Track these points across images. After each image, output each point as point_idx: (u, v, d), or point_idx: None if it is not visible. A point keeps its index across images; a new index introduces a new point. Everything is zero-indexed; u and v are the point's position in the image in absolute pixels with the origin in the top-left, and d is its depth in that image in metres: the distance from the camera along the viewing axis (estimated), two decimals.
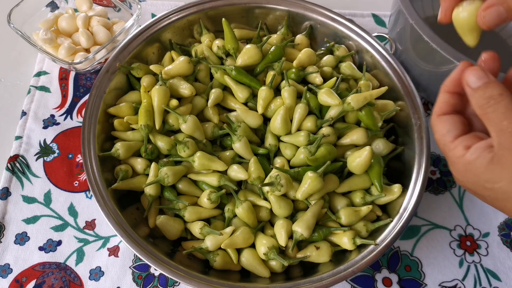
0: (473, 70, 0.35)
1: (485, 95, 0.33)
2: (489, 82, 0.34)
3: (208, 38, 0.66)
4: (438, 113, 0.37)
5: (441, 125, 0.37)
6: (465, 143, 0.35)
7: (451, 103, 0.37)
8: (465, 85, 0.35)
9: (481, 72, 0.34)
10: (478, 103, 0.34)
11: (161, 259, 0.49)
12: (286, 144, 0.58)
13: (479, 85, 0.34)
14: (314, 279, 0.49)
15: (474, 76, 0.34)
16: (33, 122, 0.67)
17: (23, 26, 0.69)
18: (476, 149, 0.34)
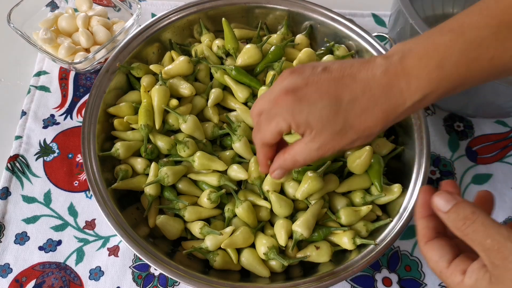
0: (440, 195, 0.35)
1: (459, 217, 0.33)
2: (459, 203, 0.34)
3: (208, 38, 0.66)
4: (424, 240, 0.37)
5: (431, 252, 0.37)
6: (460, 268, 0.35)
7: (431, 227, 0.37)
8: (437, 210, 0.35)
9: (447, 196, 0.35)
10: (455, 226, 0.34)
11: (161, 259, 0.49)
12: None
13: (449, 207, 0.34)
14: (314, 279, 0.49)
15: (442, 200, 0.35)
16: (33, 122, 0.67)
17: (23, 25, 0.69)
18: (473, 273, 0.34)
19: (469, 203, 0.34)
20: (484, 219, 0.33)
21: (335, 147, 0.42)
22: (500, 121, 0.72)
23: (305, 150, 0.42)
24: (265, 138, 0.44)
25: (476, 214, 0.33)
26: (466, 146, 0.70)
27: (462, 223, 0.33)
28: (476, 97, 0.62)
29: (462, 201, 0.34)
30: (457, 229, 0.34)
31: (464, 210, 0.34)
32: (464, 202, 0.34)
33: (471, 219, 0.33)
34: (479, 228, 0.33)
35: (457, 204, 0.34)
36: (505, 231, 0.32)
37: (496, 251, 0.32)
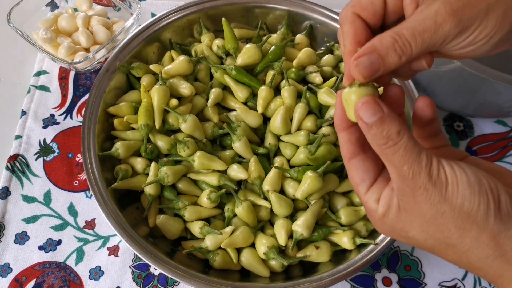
0: (367, 103, 0.30)
1: (382, 134, 0.30)
2: (385, 117, 0.30)
3: (208, 37, 0.66)
4: (348, 156, 0.34)
5: (353, 172, 0.34)
6: (375, 196, 0.33)
7: (354, 140, 0.34)
8: (358, 118, 0.31)
9: (375, 105, 0.30)
10: (375, 142, 0.31)
11: (161, 258, 0.49)
12: (286, 144, 0.58)
13: (374, 120, 0.30)
14: (314, 279, 0.49)
15: (368, 109, 0.30)
16: (33, 122, 0.67)
17: (23, 25, 0.68)
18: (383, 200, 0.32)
19: (396, 119, 0.30)
20: (408, 141, 0.30)
21: None
22: (500, 120, 0.72)
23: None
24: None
25: (401, 135, 0.30)
26: (466, 146, 0.70)
27: (384, 141, 0.30)
28: (476, 97, 0.62)
29: (389, 115, 0.30)
30: (377, 146, 0.31)
31: (389, 128, 0.30)
32: (390, 117, 0.30)
33: (394, 139, 0.30)
34: (400, 151, 0.30)
35: (383, 118, 0.30)
36: (424, 160, 0.30)
37: (410, 180, 0.30)
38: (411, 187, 0.30)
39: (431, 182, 0.29)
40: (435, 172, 0.29)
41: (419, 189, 0.30)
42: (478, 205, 0.29)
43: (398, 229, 0.33)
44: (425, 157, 0.30)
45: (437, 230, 0.30)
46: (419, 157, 0.30)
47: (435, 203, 0.30)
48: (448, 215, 0.30)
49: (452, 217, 0.30)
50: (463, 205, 0.29)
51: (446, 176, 0.29)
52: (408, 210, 0.31)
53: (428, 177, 0.29)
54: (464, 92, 0.62)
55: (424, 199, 0.30)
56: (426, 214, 0.30)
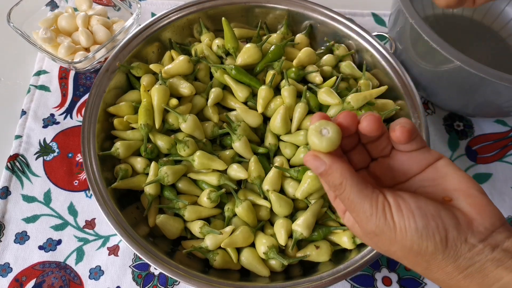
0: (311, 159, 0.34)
1: (329, 184, 0.34)
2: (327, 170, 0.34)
3: (208, 37, 0.66)
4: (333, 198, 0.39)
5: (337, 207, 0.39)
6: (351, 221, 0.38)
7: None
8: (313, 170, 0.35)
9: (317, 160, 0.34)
10: (328, 188, 0.36)
11: (161, 258, 0.49)
12: (286, 144, 0.58)
13: (319, 173, 0.34)
14: (314, 278, 0.49)
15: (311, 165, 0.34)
16: (32, 121, 0.67)
17: (23, 25, 0.68)
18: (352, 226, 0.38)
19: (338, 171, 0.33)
20: (350, 192, 0.33)
21: None
22: (500, 120, 0.72)
23: None
24: None
25: (343, 186, 0.33)
26: (466, 145, 0.70)
27: (333, 190, 0.34)
28: (476, 96, 0.62)
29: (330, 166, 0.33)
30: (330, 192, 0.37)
31: (333, 180, 0.34)
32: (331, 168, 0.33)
33: (339, 190, 0.34)
34: (345, 200, 0.34)
35: (326, 171, 0.34)
36: (368, 209, 0.33)
37: (363, 226, 0.34)
38: (366, 232, 0.34)
39: (379, 229, 0.33)
40: (381, 219, 0.33)
41: (371, 233, 0.34)
42: (426, 247, 0.32)
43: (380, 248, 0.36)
44: (368, 206, 0.33)
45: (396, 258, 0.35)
46: (363, 206, 0.33)
47: (387, 244, 0.33)
48: (399, 253, 0.34)
49: (403, 255, 0.34)
50: (412, 248, 0.32)
51: (394, 222, 0.32)
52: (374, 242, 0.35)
53: (375, 225, 0.33)
54: (464, 91, 0.62)
55: (378, 240, 0.34)
56: (382, 249, 0.35)
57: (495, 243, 0.32)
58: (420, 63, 0.64)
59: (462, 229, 0.32)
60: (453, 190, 0.34)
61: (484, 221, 0.32)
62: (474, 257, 0.32)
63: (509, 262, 0.31)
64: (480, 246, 0.32)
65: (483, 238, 0.32)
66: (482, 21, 0.78)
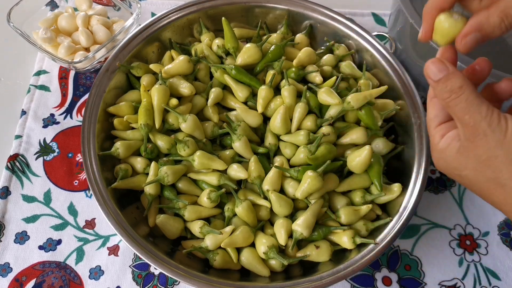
0: (434, 62, 0.36)
1: (446, 89, 0.35)
2: (449, 74, 0.35)
3: (208, 37, 0.66)
4: (432, 95, 0.40)
5: (431, 108, 0.39)
6: (442, 132, 0.37)
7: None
8: (427, 77, 0.36)
9: (441, 64, 0.36)
10: (441, 96, 0.35)
11: (161, 258, 0.49)
12: (286, 143, 0.58)
13: (440, 77, 0.35)
14: (314, 278, 0.49)
15: (435, 68, 0.36)
16: (33, 121, 0.67)
17: (23, 25, 0.68)
18: (447, 138, 0.37)
19: (460, 76, 0.35)
20: (469, 95, 0.34)
21: None
22: None
23: None
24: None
25: (463, 89, 0.34)
26: None
27: (448, 95, 0.35)
28: None
29: (453, 72, 0.35)
30: (443, 100, 0.36)
31: (452, 83, 0.35)
32: (454, 74, 0.35)
33: (457, 93, 0.34)
34: (462, 103, 0.34)
35: (447, 75, 0.35)
36: (484, 110, 0.34)
37: (471, 127, 0.34)
38: (472, 133, 0.34)
39: (490, 129, 0.33)
40: (495, 121, 0.33)
41: (479, 134, 0.33)
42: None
43: (452, 167, 0.36)
44: (485, 108, 0.33)
45: (490, 171, 0.34)
46: (479, 108, 0.33)
47: (491, 147, 0.33)
48: (501, 158, 0.33)
49: (505, 161, 0.33)
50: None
51: (507, 125, 0.33)
52: (465, 152, 0.35)
53: (487, 124, 0.33)
54: None
55: (482, 143, 0.33)
56: (481, 156, 0.34)
57: None
58: (420, 63, 0.64)
59: None
60: None
61: None
62: None
63: None
64: None
65: None
66: None
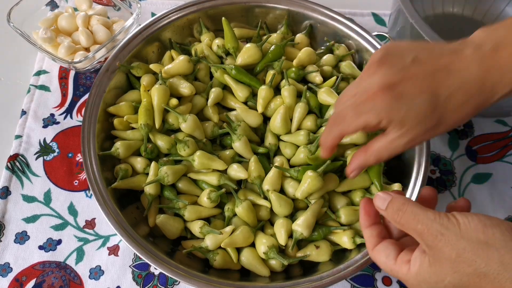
0: (378, 197, 0.40)
1: (394, 210, 0.38)
2: (392, 199, 0.38)
3: (208, 37, 0.66)
4: (371, 247, 0.41)
5: (378, 255, 0.40)
6: (404, 259, 0.38)
7: (375, 234, 0.41)
8: (378, 209, 0.40)
9: (383, 195, 0.39)
10: (393, 219, 0.38)
11: (161, 258, 0.49)
12: (286, 143, 0.58)
13: (386, 204, 0.38)
14: (314, 278, 0.49)
15: (380, 200, 0.39)
16: (33, 121, 0.67)
17: (23, 25, 0.68)
18: (415, 259, 0.37)
19: (400, 197, 0.38)
20: (413, 207, 0.36)
21: (423, 141, 0.44)
22: (500, 120, 0.72)
23: (392, 145, 0.42)
24: (347, 131, 0.43)
25: (406, 204, 0.37)
26: (466, 145, 0.70)
27: (397, 215, 0.37)
28: None
29: (395, 196, 0.38)
30: (395, 221, 0.38)
31: (397, 203, 0.38)
32: (396, 197, 0.38)
33: (402, 209, 0.37)
34: (410, 216, 0.36)
35: (391, 200, 0.38)
36: (431, 215, 0.35)
37: (426, 233, 0.35)
38: (431, 239, 0.35)
39: (443, 227, 0.34)
40: (444, 219, 0.35)
41: (437, 236, 0.34)
42: (493, 234, 0.33)
43: (433, 282, 0.36)
44: (431, 213, 0.35)
45: (466, 266, 0.34)
46: (426, 214, 0.36)
47: (453, 243, 0.34)
48: (468, 249, 0.33)
49: (472, 250, 0.33)
50: (479, 238, 0.33)
51: (457, 219, 0.34)
52: (436, 260, 0.35)
53: (439, 224, 0.35)
54: None
55: (444, 243, 0.34)
56: (451, 255, 0.34)
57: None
58: None
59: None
60: None
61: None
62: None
63: None
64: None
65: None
66: (482, 21, 0.78)
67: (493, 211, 0.65)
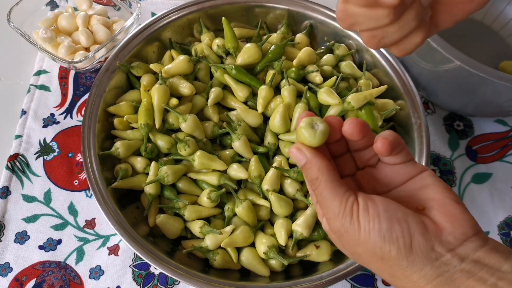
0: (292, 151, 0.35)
1: (307, 177, 0.35)
2: (307, 163, 0.34)
3: (208, 37, 0.66)
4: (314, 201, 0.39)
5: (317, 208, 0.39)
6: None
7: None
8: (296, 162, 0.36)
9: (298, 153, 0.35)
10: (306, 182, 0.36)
11: (161, 258, 0.49)
12: (286, 143, 0.58)
13: (302, 164, 0.35)
14: (314, 278, 0.49)
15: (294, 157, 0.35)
16: (33, 121, 0.67)
17: (23, 25, 0.68)
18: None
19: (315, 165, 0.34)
20: (323, 188, 0.34)
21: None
22: (500, 120, 0.72)
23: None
24: None
25: (318, 180, 0.34)
26: (466, 145, 0.70)
27: (310, 183, 0.35)
28: (476, 96, 0.62)
29: (310, 161, 0.34)
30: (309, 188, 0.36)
31: (310, 173, 0.34)
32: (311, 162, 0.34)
33: (314, 184, 0.34)
34: (318, 196, 0.34)
35: (305, 165, 0.35)
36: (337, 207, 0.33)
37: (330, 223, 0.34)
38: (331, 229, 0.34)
39: (343, 228, 0.33)
40: (347, 219, 0.32)
41: (337, 232, 0.34)
42: (389, 251, 0.31)
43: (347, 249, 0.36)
44: (337, 204, 0.33)
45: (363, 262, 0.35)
46: (332, 204, 0.33)
47: (351, 245, 0.33)
48: (365, 255, 0.33)
49: (369, 257, 0.33)
50: (375, 251, 0.32)
51: (359, 222, 0.32)
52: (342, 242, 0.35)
53: (340, 224, 0.33)
54: (464, 91, 0.62)
55: (344, 240, 0.34)
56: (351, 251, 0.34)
57: (465, 254, 0.30)
58: (420, 62, 0.64)
59: (429, 237, 0.31)
60: (429, 199, 0.34)
61: (454, 230, 0.31)
62: (442, 266, 0.30)
63: (480, 274, 0.30)
64: (448, 256, 0.30)
65: (452, 248, 0.31)
66: (482, 21, 0.78)
67: (493, 211, 0.65)
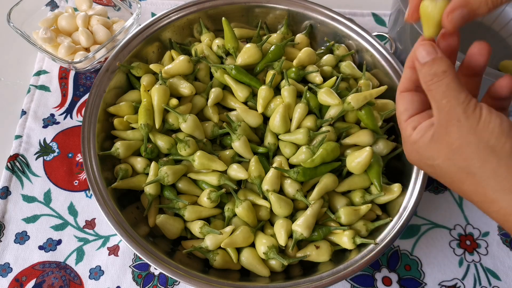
0: (424, 45, 0.35)
1: (430, 72, 0.35)
2: (436, 59, 0.35)
3: (208, 37, 0.66)
4: (401, 89, 0.39)
5: (400, 102, 0.38)
6: (413, 124, 0.37)
7: (413, 79, 0.38)
8: (415, 59, 0.36)
9: (430, 48, 0.35)
10: (424, 79, 0.35)
11: (161, 258, 0.49)
12: (286, 143, 0.58)
13: (426, 60, 0.35)
14: (314, 278, 0.49)
15: (424, 51, 0.35)
16: (33, 121, 0.67)
17: (23, 25, 0.68)
18: (420, 129, 0.36)
19: (445, 62, 0.34)
20: (451, 81, 0.34)
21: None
22: None
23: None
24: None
25: (446, 74, 0.34)
26: None
27: (430, 78, 0.35)
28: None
29: (441, 57, 0.35)
30: (424, 83, 0.35)
31: (437, 67, 0.34)
32: (441, 59, 0.35)
33: (439, 77, 0.34)
34: (442, 87, 0.34)
35: (435, 59, 0.35)
36: (463, 97, 0.33)
37: (446, 112, 0.34)
38: (446, 119, 0.33)
39: (465, 115, 0.33)
40: (471, 108, 0.33)
41: (453, 120, 0.33)
42: (503, 144, 0.32)
43: (425, 158, 0.36)
44: (464, 95, 0.33)
45: (461, 159, 0.34)
46: (458, 94, 0.33)
47: (463, 133, 0.33)
48: (473, 145, 0.33)
49: (476, 148, 0.33)
50: (489, 141, 0.32)
51: (481, 113, 0.33)
52: (438, 140, 0.34)
53: (463, 110, 0.33)
54: None
55: (455, 129, 0.33)
56: (454, 143, 0.33)
57: None
58: None
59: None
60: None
61: None
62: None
63: None
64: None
65: None
66: (482, 21, 0.78)
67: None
